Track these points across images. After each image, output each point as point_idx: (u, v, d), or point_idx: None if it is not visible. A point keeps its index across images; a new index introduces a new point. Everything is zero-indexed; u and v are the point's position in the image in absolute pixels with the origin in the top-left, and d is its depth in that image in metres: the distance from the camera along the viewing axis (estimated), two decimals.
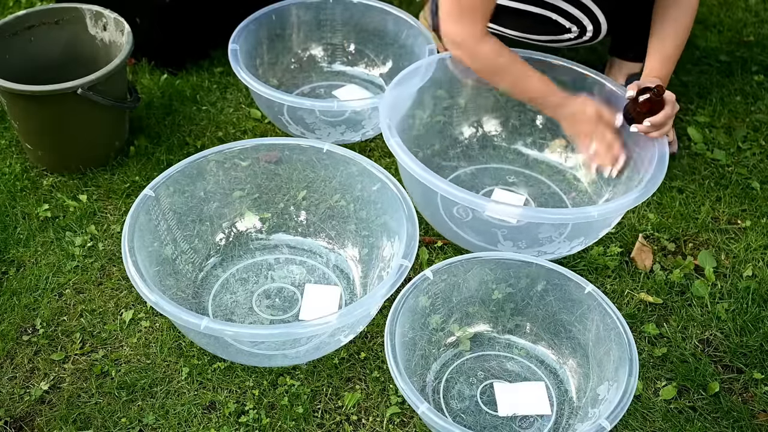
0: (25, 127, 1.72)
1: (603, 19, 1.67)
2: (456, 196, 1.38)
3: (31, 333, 1.46)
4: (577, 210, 1.50)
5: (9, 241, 1.62)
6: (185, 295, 1.49)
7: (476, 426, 1.32)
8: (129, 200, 1.71)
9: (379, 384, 1.39)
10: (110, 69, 1.65)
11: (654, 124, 1.50)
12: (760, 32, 2.28)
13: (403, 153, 1.45)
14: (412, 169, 1.43)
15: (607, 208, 1.42)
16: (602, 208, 1.41)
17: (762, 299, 1.54)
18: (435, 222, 1.61)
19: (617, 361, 1.26)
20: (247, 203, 1.61)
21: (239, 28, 1.89)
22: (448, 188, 1.39)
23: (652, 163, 1.49)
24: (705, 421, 1.35)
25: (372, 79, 2.08)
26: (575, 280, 1.36)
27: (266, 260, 1.59)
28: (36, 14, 1.79)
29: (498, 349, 1.44)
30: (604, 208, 1.42)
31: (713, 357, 1.45)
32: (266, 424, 1.33)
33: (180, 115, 1.95)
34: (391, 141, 1.48)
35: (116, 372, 1.40)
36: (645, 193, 1.43)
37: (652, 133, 1.51)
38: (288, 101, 1.70)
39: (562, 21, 1.67)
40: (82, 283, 1.55)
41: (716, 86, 2.06)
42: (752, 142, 1.90)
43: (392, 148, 1.47)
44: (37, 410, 1.35)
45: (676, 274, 1.57)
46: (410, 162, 1.43)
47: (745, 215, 1.72)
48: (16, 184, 1.75)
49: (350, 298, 1.53)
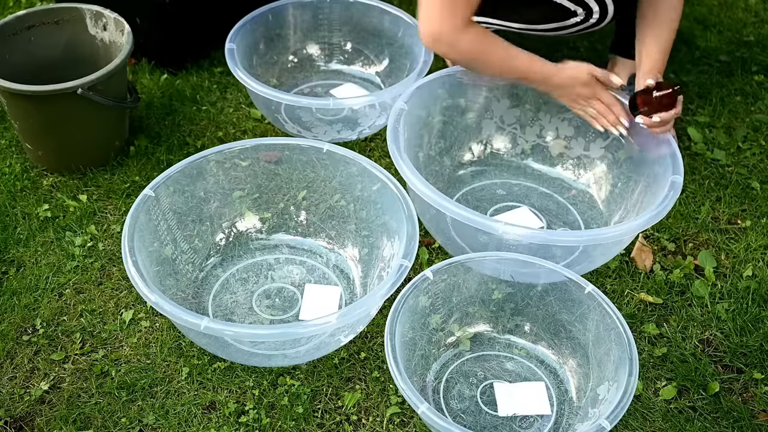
0: (25, 127, 1.72)
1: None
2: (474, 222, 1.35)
3: (31, 333, 1.46)
4: (591, 232, 1.44)
5: (9, 241, 1.62)
6: (185, 295, 1.49)
7: (476, 426, 1.32)
8: (129, 200, 1.71)
9: (379, 384, 1.39)
10: (110, 69, 1.65)
11: (663, 120, 1.50)
12: (760, 32, 2.27)
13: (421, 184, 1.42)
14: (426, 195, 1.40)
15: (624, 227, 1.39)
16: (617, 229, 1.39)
17: (762, 299, 1.54)
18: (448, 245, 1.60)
19: (617, 361, 1.26)
20: (247, 203, 1.61)
21: (236, 28, 1.89)
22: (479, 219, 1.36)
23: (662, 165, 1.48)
24: (705, 421, 1.35)
25: (369, 77, 2.08)
26: (575, 280, 1.36)
27: (266, 260, 1.59)
28: (36, 14, 1.79)
29: (498, 349, 1.44)
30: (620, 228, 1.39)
31: (713, 357, 1.45)
32: (266, 424, 1.33)
33: (180, 115, 1.95)
34: (403, 167, 1.45)
35: (116, 372, 1.40)
36: (660, 212, 1.40)
37: (655, 129, 1.52)
38: (285, 100, 1.70)
39: (567, 4, 1.65)
40: (82, 283, 1.55)
41: (716, 86, 2.06)
42: (752, 142, 1.90)
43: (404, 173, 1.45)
44: (37, 410, 1.35)
45: (676, 274, 1.57)
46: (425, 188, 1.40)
47: (745, 215, 1.72)
48: (16, 184, 1.75)
49: (350, 298, 1.53)
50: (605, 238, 1.37)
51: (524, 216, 1.69)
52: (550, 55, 1.66)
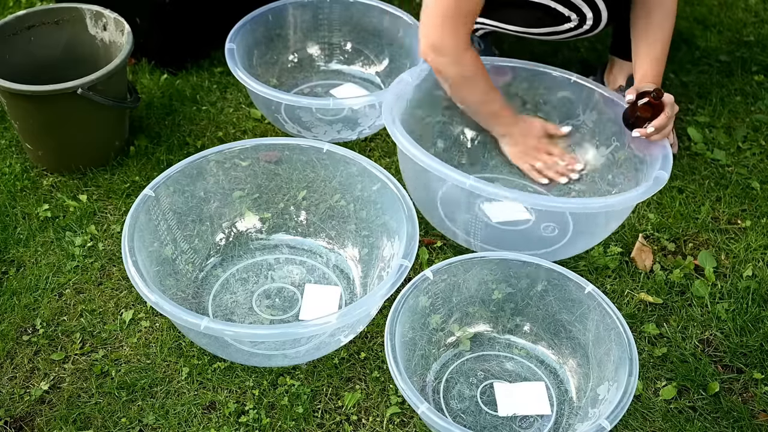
0: (25, 127, 1.72)
1: (603, 6, 1.66)
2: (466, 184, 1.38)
3: (31, 333, 1.46)
4: (580, 200, 1.50)
5: (9, 241, 1.62)
6: (185, 295, 1.49)
7: (476, 426, 1.32)
8: (129, 200, 1.71)
9: (379, 384, 1.39)
10: (110, 69, 1.65)
11: (656, 128, 1.50)
12: (760, 32, 2.27)
13: (410, 144, 1.45)
14: (421, 160, 1.43)
15: (614, 199, 1.44)
16: (608, 200, 1.43)
17: (762, 299, 1.54)
18: (432, 217, 1.61)
19: (617, 361, 1.26)
20: (247, 203, 1.61)
21: (236, 28, 1.89)
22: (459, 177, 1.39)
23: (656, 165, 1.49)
24: (705, 421, 1.35)
25: (369, 77, 2.08)
26: (575, 280, 1.36)
27: (266, 260, 1.59)
28: (36, 14, 1.79)
29: (498, 349, 1.44)
30: (610, 199, 1.44)
31: (713, 357, 1.45)
32: (266, 424, 1.33)
33: (180, 115, 1.95)
34: (396, 134, 1.47)
35: (116, 372, 1.40)
36: (651, 189, 1.43)
37: (654, 136, 1.51)
38: (285, 100, 1.70)
39: (561, 9, 1.66)
40: (82, 283, 1.55)
41: (716, 86, 2.06)
42: (752, 142, 1.90)
43: (397, 139, 1.47)
44: (37, 410, 1.35)
45: (676, 274, 1.57)
46: (418, 152, 1.43)
47: (745, 215, 1.72)
48: (16, 184, 1.75)
49: (350, 298, 1.53)
50: (589, 207, 1.42)
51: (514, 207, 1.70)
52: (551, 56, 1.67)
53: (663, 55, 1.62)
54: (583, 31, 1.73)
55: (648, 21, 1.62)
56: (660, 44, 1.61)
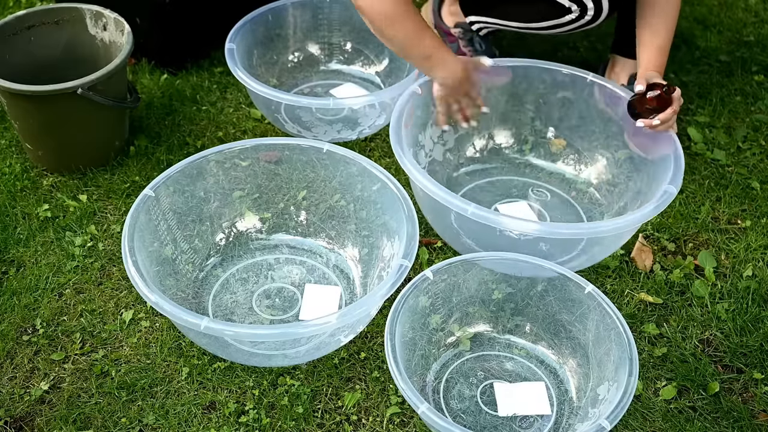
0: (25, 127, 1.72)
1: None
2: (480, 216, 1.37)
3: (31, 333, 1.46)
4: (591, 224, 1.47)
5: (9, 241, 1.62)
6: (185, 295, 1.49)
7: (476, 426, 1.32)
8: (129, 200, 1.71)
9: (379, 384, 1.39)
10: (110, 69, 1.65)
11: (662, 121, 1.50)
12: (760, 32, 2.27)
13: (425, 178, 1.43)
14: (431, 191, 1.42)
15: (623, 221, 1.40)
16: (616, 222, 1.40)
17: (762, 299, 1.54)
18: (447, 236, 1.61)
19: (617, 361, 1.26)
20: (247, 203, 1.61)
21: (236, 28, 1.89)
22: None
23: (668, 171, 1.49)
24: (705, 421, 1.35)
25: (369, 77, 2.08)
26: (575, 280, 1.36)
27: (266, 260, 1.59)
28: (36, 14, 1.79)
29: (498, 349, 1.44)
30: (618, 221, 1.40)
31: (713, 357, 1.45)
32: (266, 424, 1.33)
33: (180, 115, 1.95)
34: (406, 163, 1.47)
35: (116, 372, 1.40)
36: (663, 203, 1.42)
37: (659, 129, 1.52)
38: (285, 100, 1.70)
39: (561, 0, 1.66)
40: (82, 283, 1.55)
41: (716, 86, 2.06)
42: (752, 142, 1.90)
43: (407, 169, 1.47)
44: (37, 410, 1.35)
45: (676, 274, 1.57)
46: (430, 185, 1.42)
47: (745, 215, 1.72)
48: (16, 184, 1.75)
49: (350, 298, 1.53)
50: (603, 231, 1.38)
51: (523, 210, 1.69)
52: (551, 56, 1.66)
53: (667, 44, 1.61)
54: (585, 23, 1.71)
55: (653, 9, 1.62)
56: (664, 32, 1.61)
